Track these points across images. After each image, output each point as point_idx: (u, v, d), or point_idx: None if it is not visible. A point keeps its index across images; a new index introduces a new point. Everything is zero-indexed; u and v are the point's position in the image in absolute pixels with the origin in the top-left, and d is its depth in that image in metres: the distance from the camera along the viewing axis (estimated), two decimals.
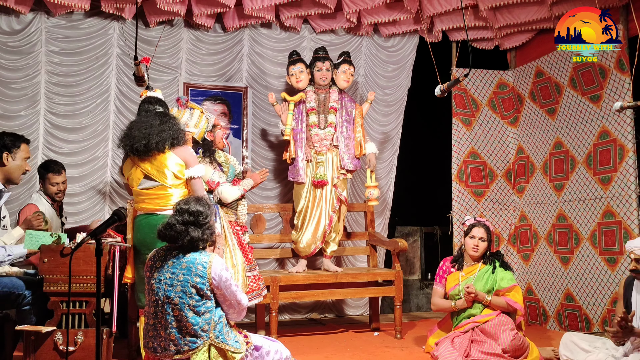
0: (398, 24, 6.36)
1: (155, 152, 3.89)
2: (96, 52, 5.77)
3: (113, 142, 5.78)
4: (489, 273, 4.49)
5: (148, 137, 3.85)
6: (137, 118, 4.09)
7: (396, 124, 6.67)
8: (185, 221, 3.19)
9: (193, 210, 3.22)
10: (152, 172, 3.93)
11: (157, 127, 3.90)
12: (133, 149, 3.89)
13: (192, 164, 3.99)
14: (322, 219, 5.53)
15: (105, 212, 5.73)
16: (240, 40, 6.23)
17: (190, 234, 3.17)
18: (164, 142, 3.88)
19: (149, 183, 3.95)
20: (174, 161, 3.94)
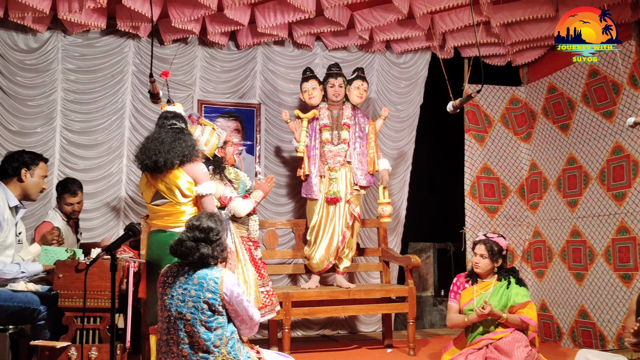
0: (410, 40, 6.39)
1: (164, 169, 3.88)
2: (112, 69, 5.85)
3: (128, 159, 5.84)
4: (504, 289, 4.47)
5: (157, 154, 3.83)
6: (152, 133, 4.08)
7: (409, 139, 6.68)
8: (195, 238, 3.20)
9: (204, 227, 3.23)
10: (162, 189, 3.92)
11: (169, 144, 3.87)
12: (143, 165, 3.90)
13: (202, 181, 3.95)
14: (335, 235, 5.53)
15: (120, 228, 5.77)
16: (254, 57, 6.29)
17: (201, 251, 3.18)
18: (172, 160, 3.84)
19: (160, 200, 3.95)
20: (183, 178, 3.91)
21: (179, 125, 4.05)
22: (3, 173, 4.00)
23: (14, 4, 5.18)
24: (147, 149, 3.89)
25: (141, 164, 3.91)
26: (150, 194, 3.97)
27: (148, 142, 3.94)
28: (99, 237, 5.64)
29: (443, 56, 6.31)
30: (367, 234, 6.52)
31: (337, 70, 5.74)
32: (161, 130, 3.99)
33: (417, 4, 5.63)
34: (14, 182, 3.98)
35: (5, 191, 3.92)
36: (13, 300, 3.74)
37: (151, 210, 4.00)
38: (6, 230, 3.86)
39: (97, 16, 5.48)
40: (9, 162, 4.00)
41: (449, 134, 7.19)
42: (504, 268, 4.58)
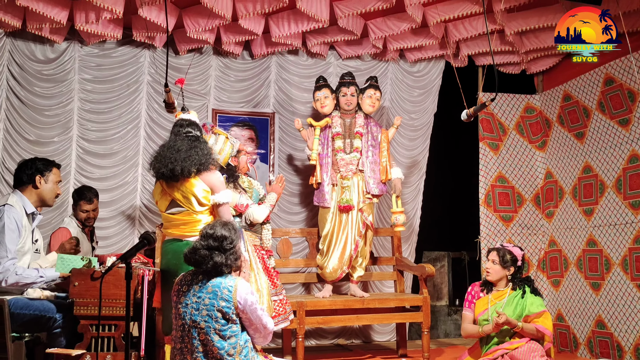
0: (424, 49, 6.39)
1: (181, 178, 3.89)
2: (127, 79, 5.91)
3: (143, 168, 5.88)
4: (519, 298, 4.43)
5: (174, 162, 3.82)
6: (167, 141, 4.07)
7: (422, 148, 6.67)
8: (209, 246, 3.21)
9: (218, 236, 3.24)
10: (178, 197, 3.91)
11: (185, 152, 3.87)
12: (159, 173, 3.90)
13: (219, 190, 3.94)
14: (348, 243, 5.52)
15: (135, 237, 5.81)
16: (268, 67, 6.32)
17: (214, 259, 3.19)
18: (189, 168, 3.83)
19: (176, 208, 3.94)
20: (199, 187, 3.90)
21: (195, 133, 4.04)
22: (18, 181, 4.07)
23: (32, 16, 5.25)
24: (163, 157, 3.88)
25: (157, 172, 3.91)
26: (165, 202, 3.97)
27: (164, 150, 3.93)
28: (114, 245, 5.68)
29: (457, 64, 6.29)
30: (381, 243, 6.50)
31: (349, 79, 5.75)
32: (177, 138, 3.98)
33: (430, 12, 5.64)
34: (29, 189, 4.04)
35: (22, 198, 3.99)
36: (29, 308, 3.78)
37: (166, 218, 4.00)
38: (24, 237, 3.92)
39: (114, 27, 5.55)
40: (23, 170, 4.07)
41: (463, 143, 7.17)
42: (518, 277, 4.53)
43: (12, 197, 3.98)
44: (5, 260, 3.75)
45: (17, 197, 3.99)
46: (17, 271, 3.78)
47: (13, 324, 3.70)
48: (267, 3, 5.29)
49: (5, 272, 3.74)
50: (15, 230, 3.82)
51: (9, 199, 3.94)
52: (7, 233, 3.78)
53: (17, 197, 3.99)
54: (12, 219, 3.83)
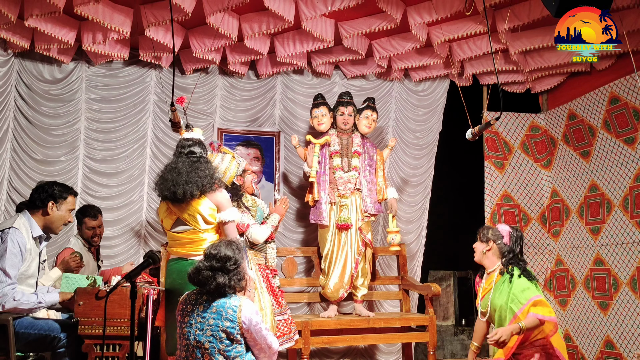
0: (428, 68, 6.41)
1: (184, 200, 3.87)
2: (134, 99, 5.94)
3: (149, 186, 5.88)
4: (506, 284, 3.91)
5: (176, 186, 3.81)
6: (170, 162, 4.04)
7: (428, 167, 6.66)
8: (212, 267, 3.19)
9: (221, 256, 3.22)
10: (184, 216, 3.91)
11: (185, 174, 3.83)
12: (164, 195, 3.91)
13: (225, 208, 3.94)
14: (348, 262, 5.50)
15: (140, 256, 5.79)
16: (273, 86, 6.35)
17: (217, 280, 3.16)
18: (192, 191, 3.82)
19: (182, 227, 3.93)
20: (206, 205, 3.90)
21: (197, 152, 4.03)
22: (31, 203, 3.95)
23: (40, 36, 5.30)
24: (165, 180, 3.88)
25: (161, 194, 3.92)
26: (170, 221, 3.97)
27: (166, 173, 3.92)
28: (120, 264, 5.67)
29: (461, 84, 6.31)
30: (387, 262, 6.47)
31: (347, 99, 5.77)
32: (178, 160, 3.96)
33: (435, 32, 5.67)
34: (39, 213, 3.92)
35: (30, 222, 3.88)
36: (34, 327, 3.76)
37: (171, 237, 4.00)
38: (28, 261, 3.85)
39: (120, 47, 5.59)
40: (38, 193, 3.94)
41: (468, 162, 7.16)
42: (508, 258, 4.00)
43: (20, 219, 3.88)
44: (4, 284, 3.66)
45: (24, 219, 3.89)
46: (16, 296, 3.68)
47: (18, 343, 3.69)
48: (272, 23, 5.33)
49: (4, 297, 3.65)
50: (18, 255, 3.73)
51: (15, 221, 3.85)
52: (9, 257, 3.69)
53: (25, 219, 3.89)
54: (16, 242, 3.74)
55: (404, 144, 6.59)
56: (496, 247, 4.06)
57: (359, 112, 5.77)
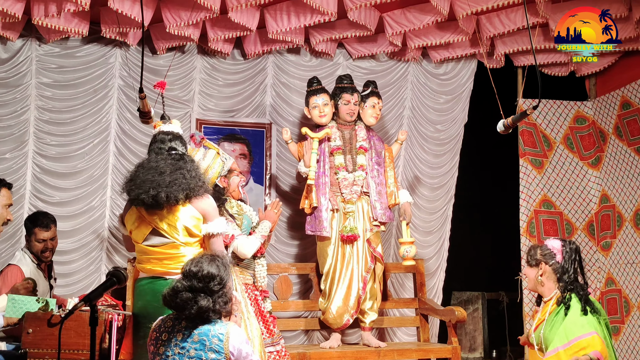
0: (451, 47, 6.42)
1: (166, 205, 3.86)
2: (94, 84, 5.93)
3: (113, 190, 5.88)
4: (561, 316, 3.88)
5: (158, 188, 3.77)
6: (146, 160, 4.02)
7: (451, 166, 6.66)
8: (193, 288, 3.18)
9: (203, 275, 3.20)
10: (161, 227, 3.87)
11: (169, 174, 3.82)
12: (139, 199, 3.86)
13: (212, 218, 3.92)
14: (354, 281, 5.49)
15: (102, 273, 5.79)
16: (263, 68, 6.35)
17: (199, 303, 3.15)
18: (176, 195, 3.79)
19: (158, 239, 3.90)
20: (189, 214, 3.87)
21: (179, 150, 4.01)
22: None
23: None
24: (143, 181, 3.83)
25: (135, 198, 3.86)
26: (143, 232, 3.92)
27: (143, 173, 3.87)
28: (77, 284, 5.67)
29: (491, 65, 6.31)
30: (401, 281, 6.47)
31: (351, 84, 5.77)
32: (158, 157, 3.94)
33: (459, 3, 5.67)
34: None
35: None
36: None
37: (143, 251, 3.95)
38: None
39: (78, 21, 5.58)
40: None
41: (499, 160, 7.16)
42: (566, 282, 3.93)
43: None
44: None
45: None
46: None
47: None
48: None
49: None
50: None
51: None
52: None
53: None
54: None
55: (422, 138, 6.60)
56: (549, 269, 4.00)
57: (362, 100, 5.77)
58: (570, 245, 4.02)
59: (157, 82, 4.77)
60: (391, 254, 6.44)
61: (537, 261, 4.03)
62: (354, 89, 5.74)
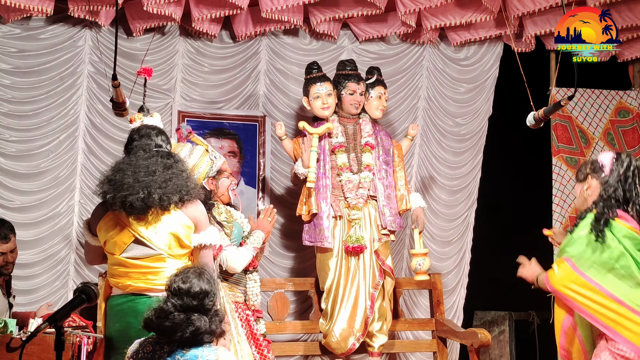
0: (473, 27, 6.41)
1: (156, 209, 3.84)
2: (61, 70, 5.93)
3: (81, 193, 5.88)
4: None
5: (148, 189, 3.76)
6: (129, 158, 3.98)
7: (472, 165, 6.66)
8: (187, 306, 3.17)
9: (196, 291, 3.20)
10: (146, 236, 3.86)
11: (161, 174, 3.81)
12: (125, 203, 3.82)
13: (204, 227, 3.92)
14: (361, 299, 5.48)
15: (70, 289, 5.79)
16: (256, 52, 6.35)
17: (195, 324, 3.15)
18: (169, 197, 3.77)
19: (141, 250, 3.87)
20: (180, 221, 3.85)
21: (165, 147, 4.02)
22: None
23: None
24: (128, 181, 3.81)
25: (121, 201, 3.84)
26: (124, 241, 3.90)
27: (128, 170, 3.87)
28: (40, 301, 5.65)
29: (520, 49, 6.31)
30: (414, 299, 6.46)
31: (356, 71, 5.74)
32: (146, 154, 3.94)
33: None
34: None
35: None
36: None
37: (121, 264, 3.92)
38: None
39: None
40: None
41: (529, 158, 7.16)
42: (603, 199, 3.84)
43: None
44: None
45: None
46: None
47: None
48: None
49: None
50: None
51: None
52: None
53: None
54: None
55: (440, 133, 6.60)
56: (596, 183, 3.92)
57: (366, 90, 5.76)
58: (624, 158, 3.90)
59: (141, 68, 4.75)
60: (403, 267, 6.43)
61: (584, 175, 3.98)
62: (359, 77, 5.73)
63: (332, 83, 5.71)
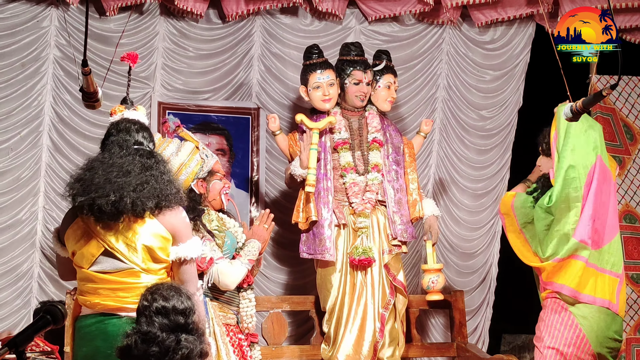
0: (501, 5, 6.42)
1: (128, 217, 3.84)
2: (22, 55, 5.94)
3: (46, 198, 5.90)
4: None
5: (120, 191, 3.78)
6: (105, 154, 3.99)
7: (500, 165, 6.67)
8: (174, 325, 3.19)
9: (182, 308, 3.22)
10: (117, 247, 3.85)
11: (137, 175, 3.81)
12: (93, 206, 3.80)
13: (184, 238, 3.90)
14: (369, 321, 5.48)
15: (32, 308, 5.80)
16: (249, 34, 6.37)
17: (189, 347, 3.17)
18: (144, 202, 3.75)
19: (111, 263, 3.87)
20: (154, 230, 3.84)
21: (147, 145, 4.01)
22: None
23: None
24: (100, 183, 3.80)
25: (89, 204, 3.84)
26: (92, 253, 3.90)
27: (102, 171, 3.84)
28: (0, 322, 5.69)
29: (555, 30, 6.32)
30: (432, 320, 6.47)
31: (362, 56, 5.72)
32: (122, 152, 3.94)
33: None
34: None
35: None
36: None
37: (90, 279, 3.93)
38: None
39: None
40: None
41: None
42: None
43: None
44: None
45: None
46: None
47: None
48: None
49: None
50: None
51: None
52: None
53: None
54: None
55: (462, 128, 6.61)
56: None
57: (373, 78, 5.74)
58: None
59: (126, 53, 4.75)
60: (418, 283, 6.43)
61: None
62: (366, 64, 5.71)
63: (334, 70, 5.70)
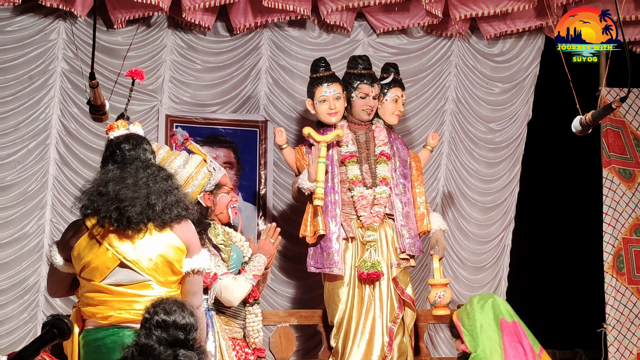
0: (510, 17, 6.42)
1: (148, 228, 3.84)
2: (30, 68, 5.94)
3: (53, 211, 5.90)
4: None
5: (147, 199, 3.78)
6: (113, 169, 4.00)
7: (509, 178, 6.66)
8: (173, 340, 3.19)
9: (183, 324, 3.22)
10: (134, 259, 3.84)
11: (161, 186, 3.83)
12: (121, 217, 3.79)
13: (196, 250, 3.93)
14: (377, 335, 5.47)
15: (39, 322, 5.80)
16: (257, 47, 6.38)
17: None
18: (171, 211, 3.81)
19: (127, 275, 3.85)
20: (170, 243, 3.85)
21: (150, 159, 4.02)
22: None
23: None
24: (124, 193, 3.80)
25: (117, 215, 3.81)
26: (107, 265, 3.90)
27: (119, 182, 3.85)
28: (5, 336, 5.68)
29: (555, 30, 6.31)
30: (441, 334, 6.45)
31: (369, 70, 5.73)
32: (136, 164, 3.94)
33: None
34: None
35: None
36: None
37: (101, 290, 3.91)
38: None
39: None
40: None
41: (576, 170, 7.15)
42: None
43: None
44: None
45: None
46: None
47: None
48: None
49: None
50: None
51: None
52: None
53: None
54: None
55: (471, 141, 6.60)
56: None
57: (381, 91, 5.75)
58: None
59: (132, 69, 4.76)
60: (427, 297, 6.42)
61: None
62: (373, 77, 5.71)
63: (341, 84, 5.71)
